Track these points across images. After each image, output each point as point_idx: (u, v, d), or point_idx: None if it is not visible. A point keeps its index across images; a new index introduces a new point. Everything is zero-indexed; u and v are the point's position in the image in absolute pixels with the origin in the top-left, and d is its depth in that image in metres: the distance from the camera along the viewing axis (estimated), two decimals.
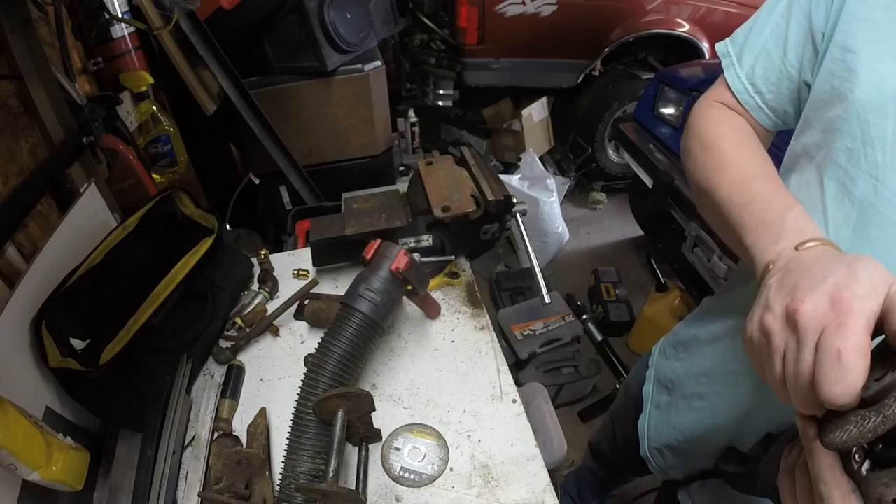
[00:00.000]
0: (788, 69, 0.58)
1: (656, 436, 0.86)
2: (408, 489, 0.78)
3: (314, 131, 1.83)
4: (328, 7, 1.58)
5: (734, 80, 0.63)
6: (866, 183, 0.46)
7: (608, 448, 1.22)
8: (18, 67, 1.03)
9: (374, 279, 0.84)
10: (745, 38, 0.64)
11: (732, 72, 0.64)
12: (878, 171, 0.45)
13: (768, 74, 0.60)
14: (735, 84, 0.63)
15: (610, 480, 1.39)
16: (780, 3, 0.59)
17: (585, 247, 2.92)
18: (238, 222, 2.09)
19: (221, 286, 1.06)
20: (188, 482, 0.80)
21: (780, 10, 0.59)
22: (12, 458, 0.67)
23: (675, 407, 0.81)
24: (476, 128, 3.40)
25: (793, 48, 0.57)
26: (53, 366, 0.79)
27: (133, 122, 1.56)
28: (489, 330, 1.02)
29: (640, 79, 2.82)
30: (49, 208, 1.13)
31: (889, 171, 0.45)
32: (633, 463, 0.95)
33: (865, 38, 0.48)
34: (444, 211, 1.03)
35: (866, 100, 0.46)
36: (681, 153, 0.69)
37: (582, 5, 2.76)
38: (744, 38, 0.64)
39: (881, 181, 0.45)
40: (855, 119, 0.47)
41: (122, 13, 1.47)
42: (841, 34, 0.50)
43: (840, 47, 0.50)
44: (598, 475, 1.39)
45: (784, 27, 0.58)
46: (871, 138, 0.46)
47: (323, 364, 0.77)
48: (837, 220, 0.49)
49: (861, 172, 0.47)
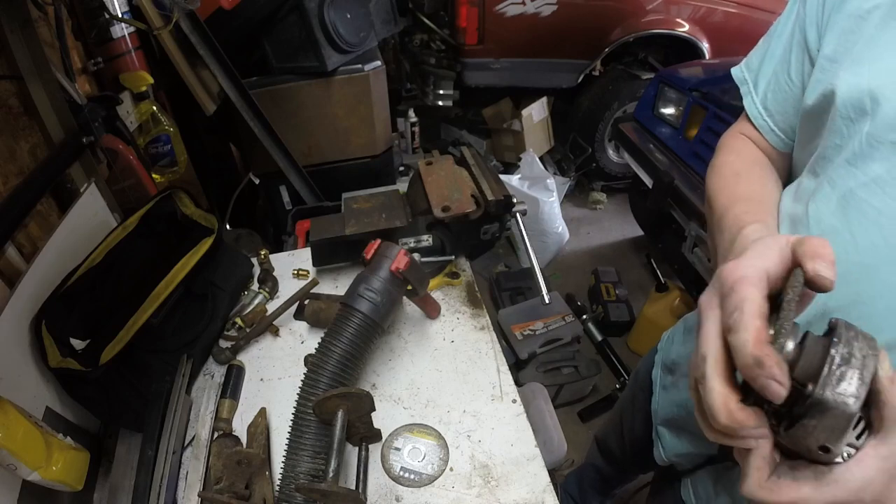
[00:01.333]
0: (793, 89, 0.62)
1: (663, 413, 0.88)
2: (408, 489, 0.78)
3: (314, 131, 1.83)
4: (328, 7, 1.58)
5: (751, 107, 0.67)
6: (845, 170, 0.51)
7: (615, 442, 1.22)
8: (18, 67, 1.03)
9: (374, 279, 0.84)
10: (759, 63, 0.67)
11: (750, 99, 0.68)
12: (857, 159, 0.49)
13: (777, 97, 0.64)
14: (751, 110, 0.67)
15: (613, 477, 1.39)
16: (787, 25, 0.63)
17: (585, 247, 2.92)
18: (238, 222, 2.09)
19: (221, 286, 1.06)
20: (188, 482, 0.80)
21: (787, 34, 0.63)
22: (12, 458, 0.67)
23: (677, 386, 0.84)
24: (476, 128, 3.40)
25: (795, 68, 0.61)
26: (53, 366, 0.79)
27: (133, 122, 1.56)
28: (489, 330, 1.02)
29: (640, 79, 2.82)
30: (49, 208, 1.13)
31: (866, 159, 0.49)
32: (638, 457, 0.96)
33: (847, 49, 0.53)
34: (444, 211, 1.03)
35: (846, 98, 0.50)
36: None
37: (582, 5, 2.77)
38: (758, 64, 0.67)
39: (858, 168, 0.49)
40: (839, 118, 0.51)
41: (122, 13, 1.47)
42: (829, 47, 0.55)
43: (828, 59, 0.55)
44: (602, 472, 1.39)
45: (788, 49, 0.62)
46: (852, 132, 0.50)
47: (323, 364, 0.77)
48: (821, 206, 0.53)
49: (842, 161, 0.51)
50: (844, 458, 0.37)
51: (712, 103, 1.89)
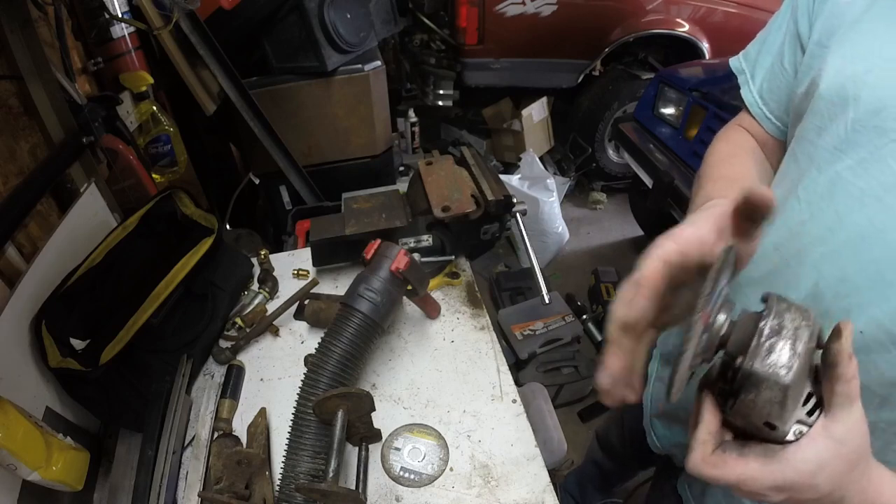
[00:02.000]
0: (786, 77, 0.64)
1: (656, 403, 0.88)
2: (408, 489, 0.78)
3: (314, 131, 1.83)
4: (328, 7, 1.58)
5: (747, 95, 0.69)
6: (832, 155, 0.52)
7: (616, 436, 1.23)
8: (18, 67, 1.03)
9: (374, 279, 0.84)
10: (756, 54, 0.69)
11: (747, 88, 0.69)
12: (843, 144, 0.50)
13: (771, 85, 0.66)
14: (748, 98, 0.69)
15: (614, 473, 1.39)
16: (784, 16, 0.64)
17: (585, 247, 2.92)
18: (238, 222, 2.09)
19: (221, 286, 1.06)
20: (188, 482, 0.80)
21: (784, 25, 0.64)
22: (12, 458, 0.67)
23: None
24: (476, 128, 3.39)
25: (788, 58, 0.63)
26: (53, 366, 0.79)
27: (133, 122, 1.56)
28: (489, 330, 1.02)
29: (640, 79, 2.82)
30: (49, 208, 1.13)
31: (851, 143, 0.50)
32: (638, 451, 0.96)
33: (831, 33, 0.55)
34: (444, 211, 1.03)
35: (831, 82, 0.52)
36: None
37: (582, 5, 2.76)
38: (755, 55, 0.69)
39: (845, 152, 0.50)
40: (822, 101, 0.53)
41: (122, 13, 1.47)
42: (817, 33, 0.57)
43: (817, 44, 0.57)
44: (602, 468, 1.39)
45: (783, 40, 0.64)
46: (835, 115, 0.51)
47: (323, 364, 0.77)
48: (807, 187, 0.54)
49: (828, 145, 0.52)
50: (797, 437, 0.37)
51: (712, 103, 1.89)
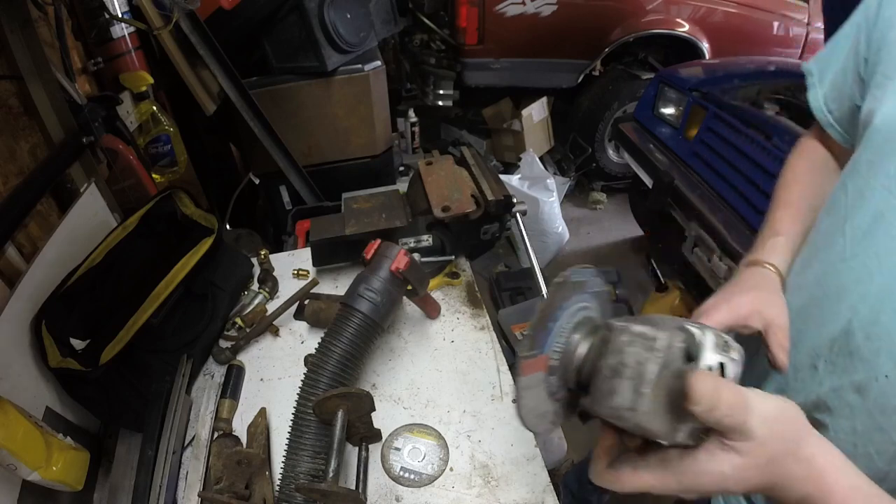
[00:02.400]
0: (847, 89, 0.62)
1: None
2: (408, 489, 0.78)
3: (314, 131, 1.83)
4: (328, 7, 1.58)
5: (814, 100, 0.67)
6: (880, 194, 0.50)
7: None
8: (18, 67, 1.03)
9: (374, 279, 0.84)
10: (826, 59, 0.66)
11: (813, 92, 0.67)
12: (891, 182, 0.49)
13: (833, 93, 0.64)
14: (814, 103, 0.67)
15: None
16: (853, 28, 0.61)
17: (585, 247, 2.92)
18: (238, 222, 2.09)
19: (221, 286, 1.06)
20: (188, 482, 0.80)
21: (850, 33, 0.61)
22: (12, 458, 0.67)
23: None
24: (476, 128, 3.39)
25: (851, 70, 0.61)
26: (53, 366, 0.79)
27: (133, 122, 1.56)
28: (489, 330, 1.02)
29: (640, 79, 2.82)
30: (49, 208, 1.13)
31: None
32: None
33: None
34: (444, 211, 1.03)
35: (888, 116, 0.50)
36: None
37: (582, 5, 2.77)
38: (826, 59, 0.66)
39: (891, 191, 0.49)
40: (878, 134, 0.51)
41: (122, 13, 1.47)
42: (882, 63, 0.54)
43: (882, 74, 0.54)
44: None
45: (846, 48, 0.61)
46: (888, 153, 0.50)
47: (323, 364, 0.77)
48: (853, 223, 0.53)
49: (877, 183, 0.50)
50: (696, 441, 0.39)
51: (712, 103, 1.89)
